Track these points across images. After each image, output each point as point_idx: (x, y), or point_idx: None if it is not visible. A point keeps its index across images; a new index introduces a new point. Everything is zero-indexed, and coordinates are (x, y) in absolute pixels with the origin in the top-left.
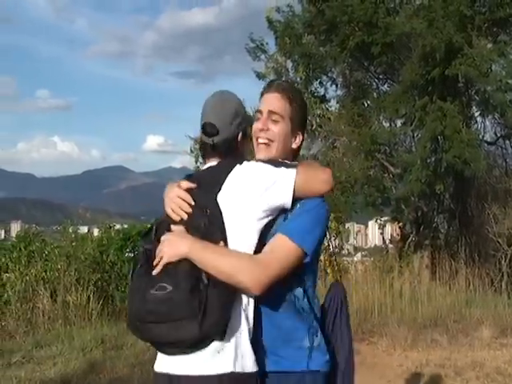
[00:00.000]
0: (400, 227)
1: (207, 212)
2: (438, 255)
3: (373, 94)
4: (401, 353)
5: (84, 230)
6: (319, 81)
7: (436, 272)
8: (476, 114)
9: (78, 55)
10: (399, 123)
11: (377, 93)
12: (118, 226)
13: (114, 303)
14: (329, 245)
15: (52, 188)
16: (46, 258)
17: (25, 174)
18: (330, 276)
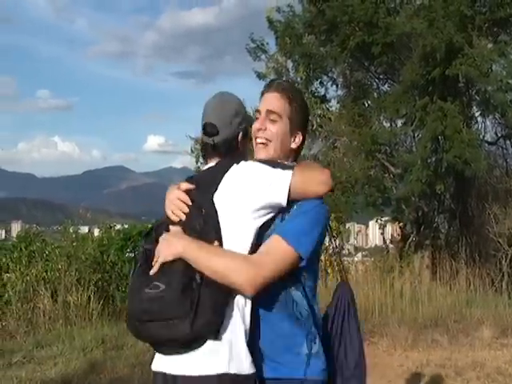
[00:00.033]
0: (400, 227)
1: (202, 212)
2: (439, 255)
3: (373, 94)
4: (401, 353)
5: (85, 230)
6: (320, 81)
7: (436, 272)
8: (476, 114)
9: (79, 55)
10: (400, 123)
11: (377, 93)
12: (118, 226)
13: (115, 303)
14: (329, 245)
15: (53, 188)
16: (47, 258)
17: (25, 174)
18: (330, 276)
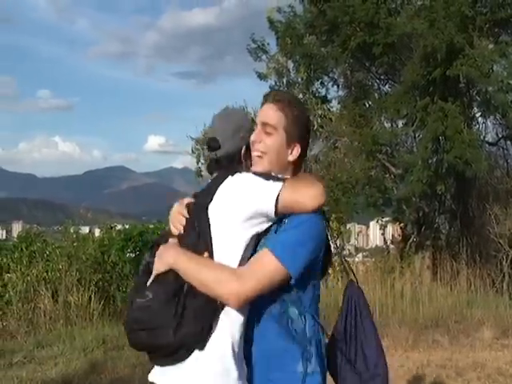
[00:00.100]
0: (401, 228)
1: (196, 226)
2: (440, 256)
3: (374, 94)
4: (402, 353)
5: (85, 230)
6: (320, 81)
7: (437, 273)
8: (477, 115)
9: (79, 55)
10: (400, 124)
11: (378, 93)
12: (119, 227)
13: (116, 303)
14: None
15: (53, 188)
16: (48, 259)
17: (26, 175)
18: (331, 276)
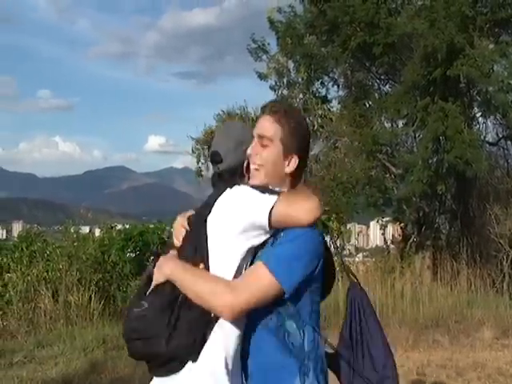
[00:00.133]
0: (401, 228)
1: (193, 237)
2: (440, 256)
3: (374, 94)
4: (402, 353)
5: (85, 230)
6: (321, 81)
7: (437, 273)
8: (478, 115)
9: (80, 56)
10: (401, 124)
11: (378, 93)
12: (119, 226)
13: (116, 303)
14: (330, 245)
15: (54, 188)
16: (48, 258)
17: (26, 174)
18: None
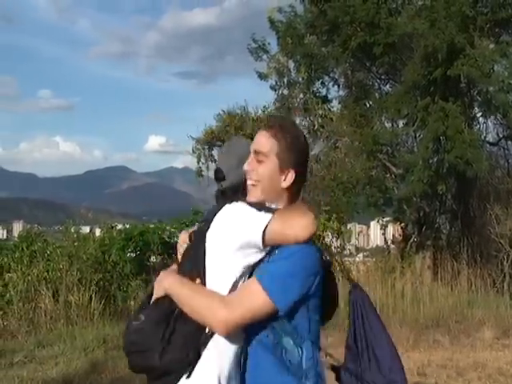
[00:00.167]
0: (402, 228)
1: (191, 253)
2: (440, 256)
3: (375, 94)
4: (403, 353)
5: (86, 229)
6: (321, 81)
7: (438, 273)
8: (478, 115)
9: (81, 56)
10: (401, 123)
11: (379, 93)
12: (119, 226)
13: (116, 303)
14: (331, 245)
15: (54, 188)
16: (48, 258)
17: (27, 174)
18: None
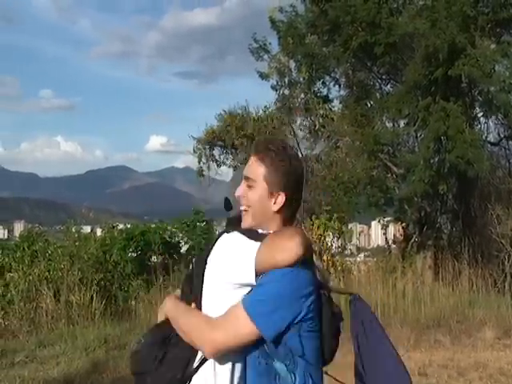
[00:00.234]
0: (403, 227)
1: (192, 278)
2: (441, 256)
3: (376, 94)
4: (404, 353)
5: (87, 229)
6: (322, 81)
7: (439, 272)
8: (479, 115)
9: (82, 56)
10: (402, 123)
11: (380, 93)
12: (121, 226)
13: (117, 303)
14: (331, 245)
15: (55, 188)
16: (50, 258)
17: (28, 174)
18: (332, 276)
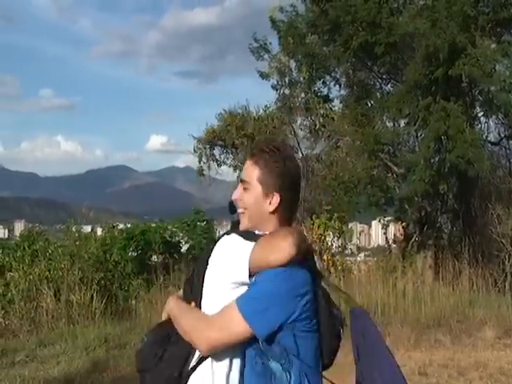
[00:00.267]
0: (403, 227)
1: (193, 278)
2: (442, 255)
3: (376, 93)
4: (404, 353)
5: (87, 229)
6: (322, 80)
7: (439, 272)
8: (480, 114)
9: (82, 55)
10: (403, 123)
11: (380, 93)
12: (121, 226)
13: (118, 302)
14: (331, 244)
15: (55, 187)
16: (50, 257)
17: (28, 174)
18: (333, 276)
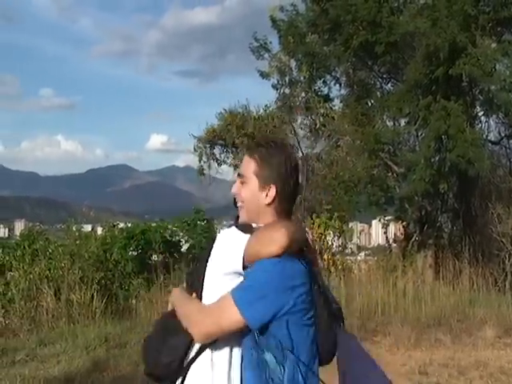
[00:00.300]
0: (403, 226)
1: (195, 271)
2: (442, 255)
3: (376, 93)
4: (404, 352)
5: (88, 228)
6: (323, 80)
7: (439, 271)
8: (480, 114)
9: (82, 54)
10: (403, 122)
11: (380, 92)
12: (121, 225)
13: (118, 301)
14: (332, 244)
15: (56, 187)
16: (50, 257)
17: (29, 173)
18: (333, 275)
